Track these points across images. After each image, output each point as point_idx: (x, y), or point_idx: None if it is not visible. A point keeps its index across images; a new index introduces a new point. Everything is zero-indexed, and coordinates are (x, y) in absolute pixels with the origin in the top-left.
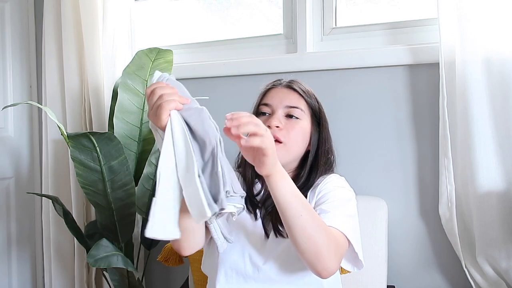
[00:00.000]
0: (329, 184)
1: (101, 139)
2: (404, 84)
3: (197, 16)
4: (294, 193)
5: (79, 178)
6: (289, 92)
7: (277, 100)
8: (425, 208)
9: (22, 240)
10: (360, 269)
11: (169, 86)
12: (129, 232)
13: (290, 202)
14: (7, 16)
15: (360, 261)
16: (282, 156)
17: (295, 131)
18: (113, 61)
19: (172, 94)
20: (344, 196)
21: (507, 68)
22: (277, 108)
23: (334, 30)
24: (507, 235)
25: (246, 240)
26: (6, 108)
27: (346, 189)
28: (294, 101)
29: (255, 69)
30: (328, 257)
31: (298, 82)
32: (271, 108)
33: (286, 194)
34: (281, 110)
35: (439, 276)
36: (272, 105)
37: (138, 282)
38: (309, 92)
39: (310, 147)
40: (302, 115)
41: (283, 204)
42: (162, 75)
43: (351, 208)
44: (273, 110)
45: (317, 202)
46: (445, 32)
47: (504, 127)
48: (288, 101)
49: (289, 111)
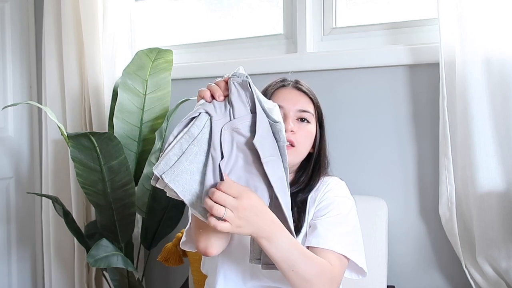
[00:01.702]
0: (330, 192)
1: (101, 139)
2: (404, 84)
3: (197, 16)
4: (280, 253)
5: (79, 178)
6: (300, 94)
7: (290, 102)
8: (425, 208)
9: (22, 240)
10: (365, 277)
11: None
12: (129, 232)
13: (279, 261)
14: (7, 16)
15: (363, 270)
16: (292, 159)
17: (305, 134)
18: (113, 61)
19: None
20: (344, 209)
21: (507, 68)
22: (289, 111)
23: (334, 30)
24: (507, 235)
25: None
26: (6, 108)
27: (346, 198)
28: (305, 104)
29: (255, 69)
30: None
31: (303, 83)
32: (284, 110)
33: (273, 256)
34: (293, 113)
35: (439, 276)
36: (284, 107)
37: (138, 282)
38: (315, 95)
39: (313, 149)
40: (312, 118)
41: (275, 260)
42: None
43: (351, 220)
44: (286, 112)
45: (316, 212)
46: (445, 32)
47: (504, 127)
48: (300, 105)
49: (301, 115)
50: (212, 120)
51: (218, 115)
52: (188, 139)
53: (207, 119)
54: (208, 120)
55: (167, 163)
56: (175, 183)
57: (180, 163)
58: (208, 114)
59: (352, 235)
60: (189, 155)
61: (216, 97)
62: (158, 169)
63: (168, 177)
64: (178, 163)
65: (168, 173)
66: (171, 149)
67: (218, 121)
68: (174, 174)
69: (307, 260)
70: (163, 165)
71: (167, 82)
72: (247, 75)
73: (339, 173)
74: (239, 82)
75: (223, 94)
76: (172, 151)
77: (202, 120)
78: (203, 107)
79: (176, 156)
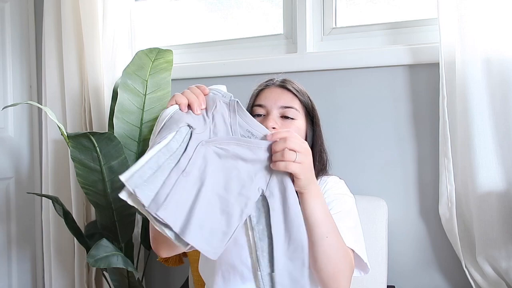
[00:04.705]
0: (330, 191)
1: (101, 139)
2: (404, 84)
3: (197, 16)
4: (323, 214)
5: (79, 178)
6: (282, 92)
7: (271, 100)
8: (425, 208)
9: (22, 240)
10: (367, 273)
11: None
12: (129, 232)
13: (318, 222)
14: (7, 16)
15: (366, 266)
16: None
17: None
18: (113, 61)
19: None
20: (346, 206)
21: (507, 68)
22: (271, 109)
23: (334, 30)
24: (507, 235)
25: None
26: (6, 108)
27: (347, 196)
28: (288, 101)
29: (255, 69)
30: (344, 279)
31: (291, 81)
32: (266, 109)
33: (315, 213)
34: (276, 110)
35: (439, 276)
36: (266, 106)
37: (138, 282)
38: (302, 91)
39: None
40: (297, 114)
41: (311, 223)
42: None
43: (354, 217)
44: (268, 111)
45: None
46: (445, 32)
47: (504, 127)
48: (282, 101)
49: (284, 111)
50: (193, 133)
51: (199, 128)
52: (166, 153)
53: (187, 132)
54: (188, 134)
55: (142, 177)
56: (146, 198)
57: (155, 177)
58: (190, 127)
59: (355, 231)
60: (165, 170)
61: (194, 110)
62: (131, 182)
63: (140, 191)
64: (153, 177)
65: (141, 187)
66: (147, 162)
67: (198, 134)
68: (147, 189)
69: (338, 232)
70: (137, 178)
71: (167, 82)
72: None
73: (339, 173)
74: (225, 102)
75: (201, 106)
76: (148, 164)
77: (182, 134)
78: (183, 119)
79: (152, 170)
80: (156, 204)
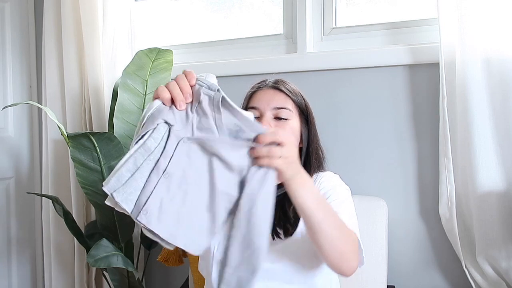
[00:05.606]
0: (326, 183)
1: (101, 139)
2: (404, 84)
3: (197, 16)
4: (315, 201)
5: (79, 178)
6: (275, 93)
7: (264, 102)
8: (425, 208)
9: (22, 240)
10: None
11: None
12: (129, 232)
13: (312, 210)
14: (7, 16)
15: (362, 257)
16: None
17: (286, 132)
18: (113, 61)
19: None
20: (343, 196)
21: (507, 68)
22: (265, 110)
23: (334, 30)
24: (507, 235)
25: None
26: (6, 108)
27: (343, 187)
28: (281, 102)
29: (255, 69)
30: (352, 258)
31: (284, 81)
32: (259, 111)
33: (307, 202)
34: (269, 112)
35: (439, 276)
36: (259, 108)
37: (138, 282)
38: (295, 91)
39: (301, 145)
40: (291, 115)
41: (305, 212)
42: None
43: (352, 206)
44: (261, 112)
45: None
46: (445, 32)
47: (504, 127)
48: (275, 103)
49: (277, 112)
50: (171, 130)
51: (178, 124)
52: (143, 154)
53: (166, 130)
54: (166, 131)
55: (119, 180)
56: (127, 202)
57: (133, 180)
58: (168, 124)
59: (354, 220)
60: (144, 171)
61: (177, 106)
62: (109, 186)
63: (119, 195)
64: (131, 180)
65: (120, 191)
66: (124, 163)
67: (178, 131)
68: (126, 192)
69: (335, 215)
70: (114, 181)
71: (167, 82)
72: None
73: (339, 173)
74: (210, 95)
75: (185, 101)
76: (125, 166)
77: (160, 131)
78: (161, 115)
79: (130, 172)
80: (137, 209)
